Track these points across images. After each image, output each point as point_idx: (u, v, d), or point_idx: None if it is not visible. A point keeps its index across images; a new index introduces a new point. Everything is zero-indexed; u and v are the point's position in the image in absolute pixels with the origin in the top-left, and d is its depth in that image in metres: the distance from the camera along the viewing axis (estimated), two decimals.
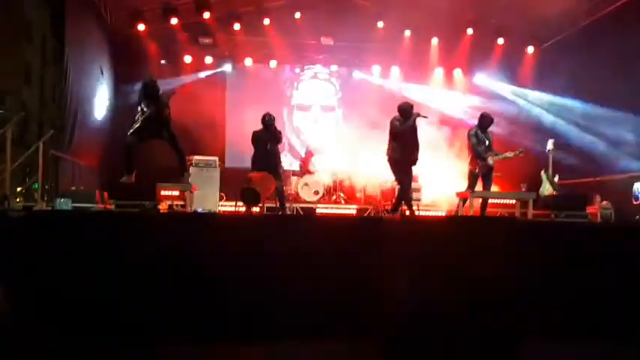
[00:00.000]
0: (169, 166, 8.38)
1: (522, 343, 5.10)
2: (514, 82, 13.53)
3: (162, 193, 8.12)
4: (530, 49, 13.17)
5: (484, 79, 13.88)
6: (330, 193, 12.00)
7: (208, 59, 13.43)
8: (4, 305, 4.85)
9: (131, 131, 7.66)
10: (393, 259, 5.09)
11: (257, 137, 8.49)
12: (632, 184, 9.30)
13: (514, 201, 9.29)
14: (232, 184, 10.68)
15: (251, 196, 8.06)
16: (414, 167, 8.18)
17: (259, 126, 8.58)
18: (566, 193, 9.62)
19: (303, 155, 12.36)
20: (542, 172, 9.59)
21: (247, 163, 12.59)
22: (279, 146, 8.78)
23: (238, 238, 5.39)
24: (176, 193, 8.59)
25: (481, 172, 8.48)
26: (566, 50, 11.92)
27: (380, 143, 8.42)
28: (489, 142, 8.55)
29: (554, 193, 9.22)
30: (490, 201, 9.35)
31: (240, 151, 13.34)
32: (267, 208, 9.06)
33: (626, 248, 5.65)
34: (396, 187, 11.02)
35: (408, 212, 8.03)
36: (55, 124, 8.90)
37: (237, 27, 12.84)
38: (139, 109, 7.72)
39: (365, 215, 11.04)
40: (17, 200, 7.46)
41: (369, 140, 12.33)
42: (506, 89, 13.69)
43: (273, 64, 13.75)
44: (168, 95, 7.90)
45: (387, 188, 11.56)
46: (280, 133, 8.71)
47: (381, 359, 4.92)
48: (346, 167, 12.45)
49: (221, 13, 12.48)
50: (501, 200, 10.63)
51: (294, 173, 12.00)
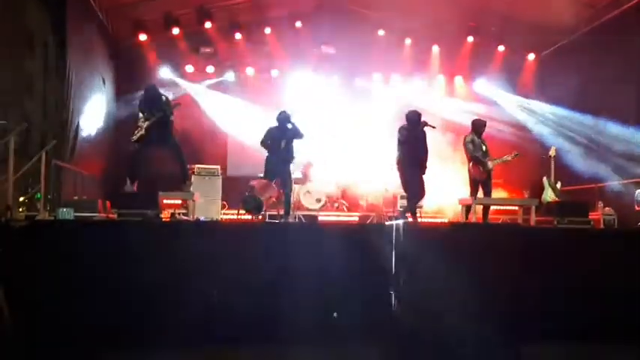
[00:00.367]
0: (171, 175, 8.38)
1: (525, 344, 5.12)
2: (515, 90, 13.51)
3: (165, 201, 8.11)
4: (530, 57, 13.20)
5: (485, 86, 13.88)
6: (332, 201, 11.98)
7: (210, 68, 13.47)
8: (6, 313, 4.85)
9: (134, 138, 7.65)
10: (395, 265, 5.11)
11: (268, 134, 8.45)
12: (635, 191, 9.28)
13: (517, 207, 9.26)
14: (234, 192, 10.69)
15: (253, 204, 8.05)
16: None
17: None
18: (569, 200, 9.60)
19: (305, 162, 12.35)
20: (545, 179, 9.58)
21: (249, 172, 12.65)
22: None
23: (243, 245, 5.41)
24: (178, 201, 8.58)
25: (480, 178, 8.48)
26: (566, 57, 11.95)
27: (381, 151, 8.42)
28: (486, 148, 8.58)
29: (557, 199, 9.20)
30: (493, 207, 9.34)
31: (242, 160, 13.42)
32: (270, 215, 9.06)
33: (629, 254, 5.66)
34: (398, 195, 11.14)
35: (411, 219, 8.01)
36: (57, 133, 8.90)
37: (238, 36, 12.92)
38: (141, 116, 7.73)
39: (367, 223, 11.01)
40: (20, 210, 7.45)
41: (371, 148, 12.36)
42: (507, 98, 13.67)
43: (274, 73, 13.78)
44: (171, 107, 7.92)
45: (389, 196, 11.54)
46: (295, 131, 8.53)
47: None
48: (348, 175, 12.44)
49: (222, 23, 12.54)
50: (504, 207, 10.60)
51: (296, 181, 11.98)
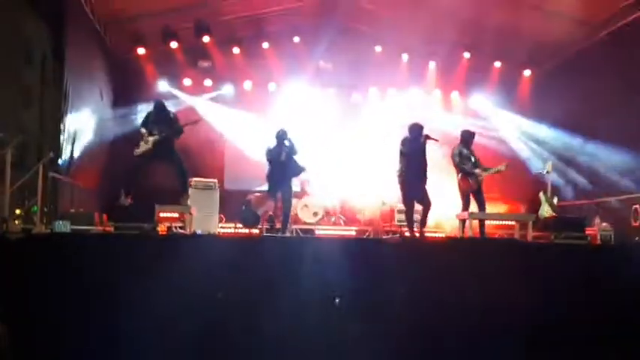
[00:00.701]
0: (170, 189, 8.37)
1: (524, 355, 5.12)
2: (511, 105, 13.55)
3: (162, 215, 8.09)
4: (526, 73, 13.28)
5: (481, 101, 13.94)
6: (329, 215, 11.97)
7: (208, 82, 13.52)
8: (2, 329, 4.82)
9: (138, 152, 7.67)
10: (394, 279, 5.10)
11: (269, 154, 8.47)
12: (631, 206, 9.31)
13: (514, 222, 9.27)
14: (231, 205, 10.67)
15: (250, 218, 8.05)
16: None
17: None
18: (566, 215, 9.62)
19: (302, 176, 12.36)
20: (541, 194, 9.59)
21: (246, 185, 12.64)
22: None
23: (242, 259, 5.41)
24: (175, 215, 8.56)
25: (471, 189, 8.47)
26: (562, 74, 12.02)
27: (378, 164, 8.44)
28: (475, 159, 8.57)
29: (554, 214, 9.21)
30: (490, 223, 9.33)
31: (239, 173, 13.42)
32: (266, 229, 9.03)
33: (626, 268, 5.66)
34: (395, 208, 11.14)
35: (407, 233, 8.00)
36: (54, 146, 8.89)
37: (236, 51, 12.99)
38: (144, 130, 7.74)
39: (365, 237, 11.01)
40: (16, 223, 7.42)
41: (368, 161, 12.38)
42: (502, 115, 13.72)
43: (272, 86, 13.84)
44: (188, 123, 7.96)
45: (386, 210, 11.54)
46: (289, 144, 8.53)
47: None
48: (345, 189, 12.45)
49: (220, 37, 12.60)
50: (501, 222, 10.63)
51: (294, 195, 11.97)
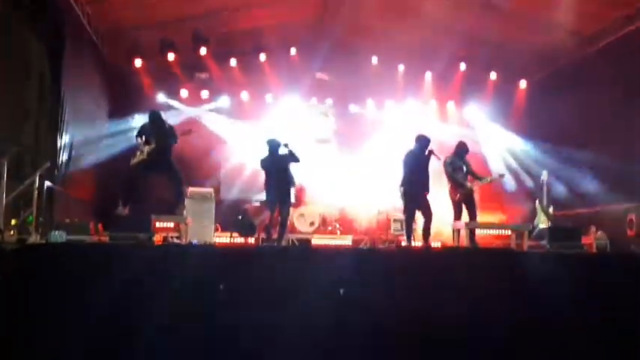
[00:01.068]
0: (166, 199, 8.37)
1: None
2: (507, 116, 13.61)
3: (158, 225, 8.08)
4: (522, 84, 13.36)
5: (476, 112, 14.01)
6: (325, 224, 11.97)
7: (205, 93, 13.56)
8: None
9: (134, 162, 7.69)
10: (390, 288, 5.10)
11: (263, 164, 8.48)
12: (626, 215, 9.34)
13: (509, 232, 9.28)
14: (227, 215, 10.67)
15: (246, 228, 8.05)
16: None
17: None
18: (561, 224, 9.64)
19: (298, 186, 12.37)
20: (537, 203, 9.63)
21: (242, 195, 12.63)
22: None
23: (239, 269, 5.40)
24: (171, 225, 8.54)
25: (462, 200, 8.51)
26: (557, 84, 12.09)
27: (375, 175, 8.46)
28: (467, 169, 8.63)
29: (549, 224, 9.23)
30: (486, 232, 9.35)
31: (235, 183, 13.42)
32: (262, 239, 9.02)
33: (623, 277, 5.67)
34: (391, 218, 11.16)
35: (404, 243, 8.02)
36: (50, 157, 8.90)
37: (233, 62, 13.05)
38: (140, 140, 7.77)
39: (361, 246, 11.00)
40: (11, 233, 7.40)
41: (364, 172, 12.41)
42: (495, 126, 13.78)
43: (268, 98, 13.89)
44: (183, 133, 7.99)
45: (382, 219, 11.55)
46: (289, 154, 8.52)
47: None
48: (341, 198, 12.46)
49: (217, 49, 12.65)
50: (497, 231, 10.62)
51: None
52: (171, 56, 12.28)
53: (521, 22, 10.97)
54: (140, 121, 9.93)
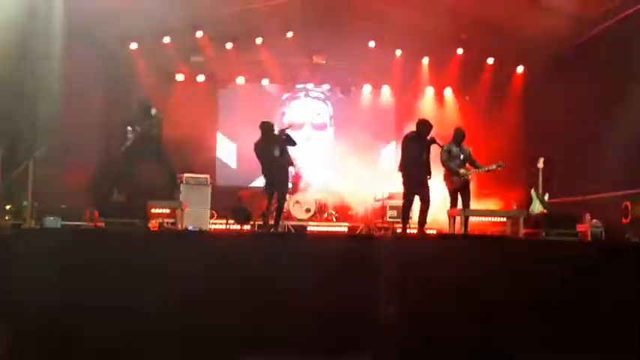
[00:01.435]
0: (160, 186, 8.36)
1: (519, 355, 5.13)
2: (505, 101, 13.56)
3: (153, 211, 8.08)
4: (519, 69, 13.31)
5: (474, 97, 13.97)
6: (321, 211, 11.98)
7: (200, 77, 13.48)
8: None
9: (122, 149, 7.76)
10: (386, 276, 5.09)
11: (257, 148, 8.42)
12: (622, 203, 9.35)
13: (505, 219, 9.31)
14: (223, 201, 10.66)
15: (242, 214, 8.05)
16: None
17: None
18: (557, 212, 9.65)
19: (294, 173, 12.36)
20: (532, 191, 9.62)
21: (238, 181, 12.63)
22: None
23: (231, 257, 5.38)
24: (167, 211, 8.54)
25: (455, 187, 8.52)
26: (555, 70, 12.04)
27: (371, 161, 8.45)
28: (464, 156, 8.63)
29: (545, 211, 9.25)
30: (481, 219, 9.37)
31: (231, 169, 13.41)
32: (258, 225, 9.03)
33: (617, 265, 5.70)
34: (387, 205, 11.16)
35: (399, 230, 8.03)
36: (45, 142, 8.85)
37: (229, 46, 12.94)
38: (130, 128, 7.84)
39: (357, 233, 11.03)
40: (6, 218, 7.39)
41: (361, 158, 12.38)
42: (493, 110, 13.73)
43: (265, 82, 13.81)
44: (160, 121, 8.02)
45: (378, 206, 11.57)
46: (286, 137, 8.49)
47: None
48: (338, 185, 12.46)
49: (213, 33, 12.54)
50: (492, 218, 10.64)
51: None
52: (166, 39, 12.18)
53: (521, 6, 10.89)
54: (135, 105, 9.90)
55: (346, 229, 11.38)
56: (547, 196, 9.63)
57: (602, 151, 10.33)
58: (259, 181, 8.85)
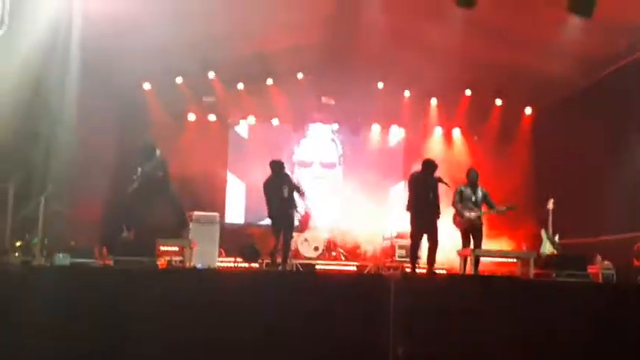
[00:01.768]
0: (168, 225, 8.41)
1: None
2: (512, 142, 13.59)
3: (162, 248, 8.09)
4: (527, 110, 13.39)
5: (482, 138, 14.02)
6: (329, 250, 11.93)
7: (211, 117, 13.66)
8: None
9: (131, 189, 7.88)
10: (395, 315, 5.05)
11: (266, 187, 8.50)
12: (633, 244, 9.24)
13: (515, 260, 9.22)
14: (232, 239, 10.66)
15: (250, 253, 8.05)
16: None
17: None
18: (567, 253, 9.55)
19: (303, 212, 12.36)
20: (543, 231, 9.56)
21: (247, 219, 12.63)
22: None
23: (238, 294, 5.36)
24: (175, 249, 8.55)
25: (463, 228, 8.47)
26: (564, 112, 12.10)
27: (380, 200, 8.45)
28: (476, 198, 8.56)
29: (555, 252, 9.16)
30: (491, 260, 9.28)
31: (241, 207, 13.44)
32: (266, 264, 8.99)
33: (629, 308, 5.61)
34: (396, 244, 11.10)
35: (409, 270, 7.97)
36: (57, 179, 8.95)
37: (240, 86, 13.16)
38: (140, 169, 7.98)
39: (365, 272, 10.94)
40: (16, 255, 7.42)
41: (370, 197, 12.39)
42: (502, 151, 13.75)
43: (275, 122, 13.97)
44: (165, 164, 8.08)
45: (387, 245, 11.51)
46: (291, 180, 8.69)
47: None
48: (346, 223, 12.44)
49: (225, 74, 12.77)
50: (502, 259, 10.54)
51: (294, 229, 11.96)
52: (179, 80, 12.40)
53: (527, 49, 11.01)
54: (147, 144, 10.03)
55: (355, 268, 11.30)
56: (557, 237, 9.56)
57: (612, 192, 10.29)
58: (268, 220, 8.86)
